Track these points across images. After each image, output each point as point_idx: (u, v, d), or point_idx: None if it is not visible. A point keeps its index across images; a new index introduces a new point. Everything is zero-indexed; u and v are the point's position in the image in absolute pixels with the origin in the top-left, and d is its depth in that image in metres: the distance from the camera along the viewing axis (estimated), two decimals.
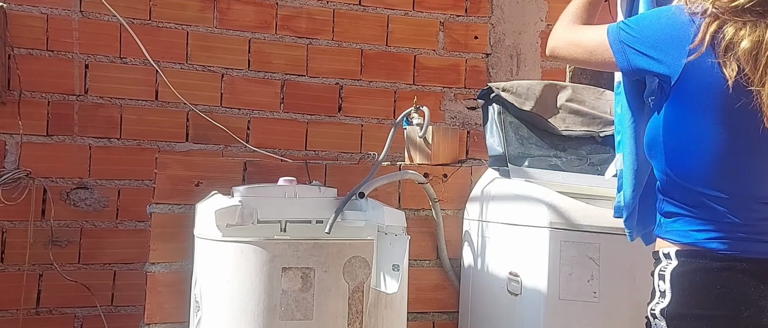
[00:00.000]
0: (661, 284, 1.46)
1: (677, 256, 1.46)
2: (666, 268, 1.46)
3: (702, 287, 1.42)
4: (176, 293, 2.32)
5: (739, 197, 1.45)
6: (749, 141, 1.44)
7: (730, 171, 1.45)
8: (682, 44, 1.44)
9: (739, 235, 1.43)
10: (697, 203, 1.46)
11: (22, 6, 2.90)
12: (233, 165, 2.47)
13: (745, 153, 1.45)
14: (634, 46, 1.51)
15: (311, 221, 2.13)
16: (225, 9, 3.18)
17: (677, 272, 1.44)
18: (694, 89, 1.44)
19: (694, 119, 1.46)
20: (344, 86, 3.35)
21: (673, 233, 1.49)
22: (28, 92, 2.91)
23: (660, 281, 1.47)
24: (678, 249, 1.46)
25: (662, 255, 1.49)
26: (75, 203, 2.96)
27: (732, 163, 1.45)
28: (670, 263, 1.46)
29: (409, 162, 2.70)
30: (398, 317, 2.13)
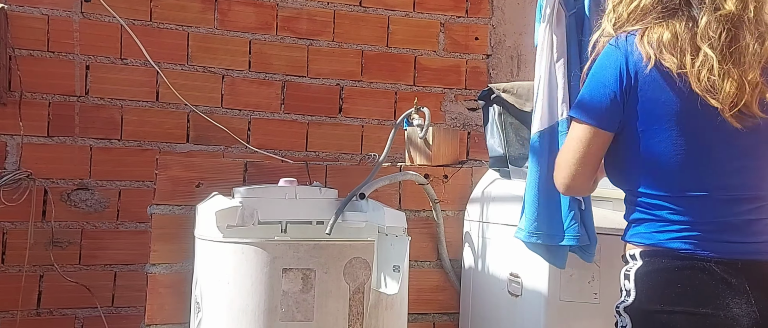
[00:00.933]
0: (626, 283, 1.53)
1: (641, 256, 1.52)
2: (631, 268, 1.53)
3: (664, 285, 1.47)
4: (177, 294, 2.33)
5: (695, 195, 1.49)
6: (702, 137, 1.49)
7: (682, 169, 1.50)
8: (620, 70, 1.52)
9: (699, 234, 1.48)
10: (657, 206, 1.52)
11: (22, 7, 2.90)
12: (234, 166, 2.47)
13: (696, 150, 1.49)
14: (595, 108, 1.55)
15: (312, 222, 2.13)
16: (225, 10, 3.18)
17: (641, 271, 1.51)
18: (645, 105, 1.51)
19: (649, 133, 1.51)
20: (345, 87, 3.35)
21: (638, 236, 1.55)
22: (29, 93, 2.91)
23: (625, 280, 1.53)
24: (642, 250, 1.53)
25: (628, 257, 1.56)
26: (76, 204, 2.96)
27: (683, 161, 1.49)
28: (635, 264, 1.53)
29: (409, 163, 2.70)
30: (399, 318, 2.13)
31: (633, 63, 1.51)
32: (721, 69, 1.44)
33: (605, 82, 1.53)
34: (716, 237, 1.47)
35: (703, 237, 1.47)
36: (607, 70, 1.54)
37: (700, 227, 1.48)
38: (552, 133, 1.97)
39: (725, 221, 1.49)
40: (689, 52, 1.46)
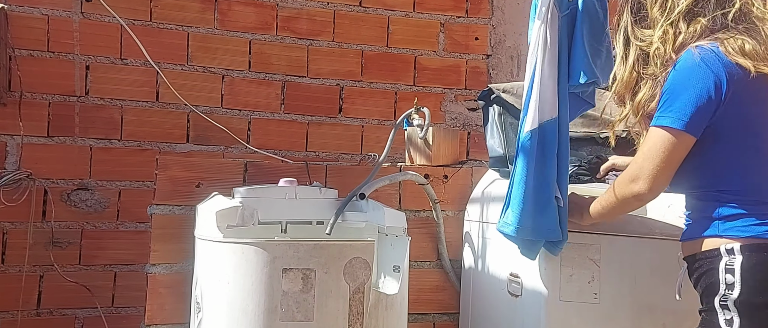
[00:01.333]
0: (729, 277, 1.58)
1: (742, 251, 1.58)
2: (734, 262, 1.58)
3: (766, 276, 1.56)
4: (177, 295, 2.32)
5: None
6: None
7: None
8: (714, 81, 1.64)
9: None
10: (755, 201, 1.62)
11: (23, 7, 2.90)
12: (234, 166, 2.47)
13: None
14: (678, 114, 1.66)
15: (312, 222, 2.13)
16: (225, 10, 3.18)
17: (745, 265, 1.57)
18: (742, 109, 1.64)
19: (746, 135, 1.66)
20: (345, 87, 3.35)
21: (734, 230, 1.62)
22: (29, 93, 2.91)
23: (728, 274, 1.58)
24: (742, 244, 1.59)
25: (724, 251, 1.60)
26: (76, 204, 2.96)
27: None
28: (735, 258, 1.58)
29: (409, 163, 2.70)
30: (399, 319, 2.13)
31: (730, 72, 1.62)
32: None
33: (697, 92, 1.63)
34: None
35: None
36: (699, 82, 1.63)
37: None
38: (542, 132, 1.98)
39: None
40: None
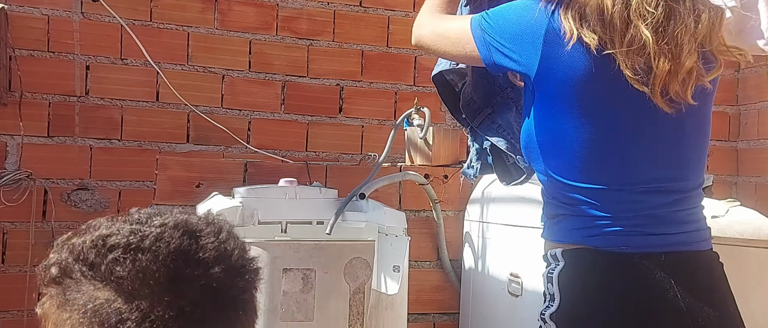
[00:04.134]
0: (550, 286, 1.40)
1: (563, 257, 1.40)
2: (554, 270, 1.41)
3: (590, 288, 1.37)
4: None
5: (617, 187, 1.38)
6: (625, 125, 1.38)
7: (603, 160, 1.39)
8: (535, 37, 1.38)
9: (619, 229, 1.37)
10: (577, 201, 1.40)
11: (23, 7, 2.90)
12: (234, 166, 2.47)
13: (619, 138, 1.39)
14: (495, 41, 1.44)
15: (312, 222, 2.14)
16: (226, 10, 3.18)
17: (564, 274, 1.39)
18: (556, 82, 1.38)
19: (560, 113, 1.39)
20: (345, 87, 3.35)
21: (558, 234, 1.44)
22: (29, 93, 2.91)
23: (548, 283, 1.41)
24: (563, 249, 1.41)
25: (550, 257, 1.44)
26: (76, 204, 2.96)
27: (604, 151, 1.39)
28: (558, 265, 1.40)
29: (409, 163, 2.71)
30: (399, 319, 2.13)
31: (554, 32, 1.36)
32: (655, 50, 1.29)
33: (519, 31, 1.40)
34: (640, 231, 1.37)
35: (625, 233, 1.37)
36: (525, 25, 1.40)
37: (621, 223, 1.37)
38: None
39: (647, 214, 1.38)
40: (618, 28, 1.31)
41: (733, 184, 3.44)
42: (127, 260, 0.84)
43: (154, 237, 0.86)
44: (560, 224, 1.44)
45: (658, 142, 1.39)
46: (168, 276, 0.82)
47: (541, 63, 1.37)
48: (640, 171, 1.39)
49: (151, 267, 0.82)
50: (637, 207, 1.38)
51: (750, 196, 3.26)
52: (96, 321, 0.81)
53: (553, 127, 1.41)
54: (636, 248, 1.36)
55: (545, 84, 1.40)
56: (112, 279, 0.84)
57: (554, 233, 1.45)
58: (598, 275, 1.37)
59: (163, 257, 0.83)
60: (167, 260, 0.83)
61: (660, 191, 1.39)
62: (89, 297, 0.84)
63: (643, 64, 1.31)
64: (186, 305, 0.81)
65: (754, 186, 3.34)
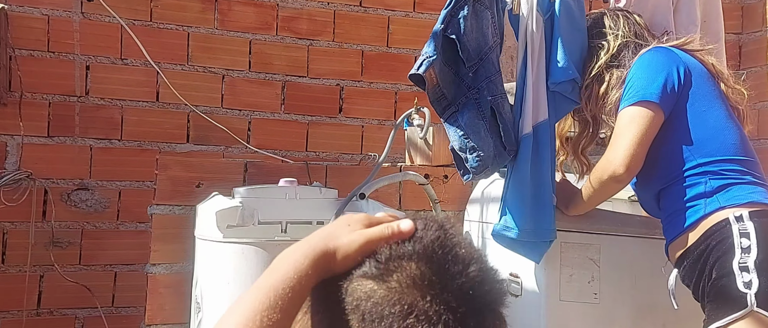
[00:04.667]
0: (745, 240, 1.63)
1: (750, 217, 1.65)
2: (747, 227, 1.64)
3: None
4: (177, 295, 2.33)
5: (751, 158, 1.79)
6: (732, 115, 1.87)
7: (739, 139, 1.81)
8: (676, 59, 1.86)
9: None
10: (738, 171, 1.74)
11: (23, 7, 2.90)
12: (234, 166, 2.47)
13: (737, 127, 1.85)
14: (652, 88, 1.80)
15: (312, 222, 2.13)
16: (226, 10, 3.18)
17: (758, 228, 1.63)
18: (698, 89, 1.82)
19: (707, 108, 1.81)
20: (345, 87, 3.35)
21: (735, 199, 1.69)
22: (29, 93, 2.91)
23: (743, 238, 1.63)
24: (749, 211, 1.66)
25: (733, 219, 1.66)
26: (76, 204, 2.96)
27: (739, 132, 1.83)
28: (746, 223, 1.65)
29: (409, 163, 2.71)
30: None
31: (684, 61, 1.83)
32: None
33: (663, 74, 1.80)
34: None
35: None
36: (662, 65, 1.82)
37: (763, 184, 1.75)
38: (536, 135, 1.98)
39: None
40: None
41: None
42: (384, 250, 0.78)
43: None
44: (731, 191, 1.71)
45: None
46: (431, 267, 0.76)
47: (681, 64, 1.83)
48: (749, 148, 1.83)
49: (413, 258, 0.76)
50: (761, 173, 1.80)
51: None
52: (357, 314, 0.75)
53: (704, 121, 1.80)
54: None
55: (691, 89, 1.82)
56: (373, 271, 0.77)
57: (728, 199, 1.70)
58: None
59: (424, 247, 0.77)
60: (428, 251, 0.77)
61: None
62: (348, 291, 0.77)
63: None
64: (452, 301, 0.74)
65: None
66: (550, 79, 1.99)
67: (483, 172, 1.97)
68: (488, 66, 1.96)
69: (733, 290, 1.59)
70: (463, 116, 1.94)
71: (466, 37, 1.92)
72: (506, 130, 1.96)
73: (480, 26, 1.95)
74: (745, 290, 1.58)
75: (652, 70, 1.83)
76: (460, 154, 1.96)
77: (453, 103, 1.96)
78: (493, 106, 1.94)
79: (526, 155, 1.98)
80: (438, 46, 1.94)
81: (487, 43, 1.96)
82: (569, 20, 2.01)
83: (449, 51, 1.95)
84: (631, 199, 2.42)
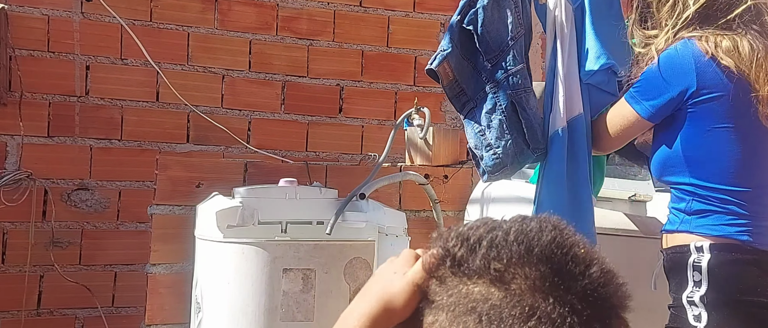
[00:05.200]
0: (696, 274, 1.60)
1: (711, 249, 1.60)
2: (701, 259, 1.60)
3: (736, 276, 1.59)
4: (177, 295, 2.33)
5: (758, 191, 1.65)
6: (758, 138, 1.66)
7: (750, 168, 1.66)
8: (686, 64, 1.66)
9: (758, 227, 1.62)
10: (726, 201, 1.63)
11: (23, 7, 2.90)
12: (234, 166, 2.47)
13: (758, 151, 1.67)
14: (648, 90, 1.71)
15: (312, 222, 2.13)
16: (226, 10, 3.18)
17: (713, 262, 1.58)
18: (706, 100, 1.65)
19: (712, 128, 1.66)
20: (345, 87, 3.35)
21: (704, 228, 1.63)
22: (29, 93, 2.91)
23: (695, 271, 1.60)
24: (711, 243, 1.60)
25: (693, 248, 1.62)
26: (76, 204, 2.96)
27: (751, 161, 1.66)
28: (703, 256, 1.60)
29: (409, 163, 2.71)
30: None
31: (701, 64, 1.64)
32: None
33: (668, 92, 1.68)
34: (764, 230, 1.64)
35: (761, 230, 1.62)
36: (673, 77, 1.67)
37: (759, 221, 1.63)
38: (570, 130, 1.88)
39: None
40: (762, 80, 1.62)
41: None
42: (502, 251, 0.73)
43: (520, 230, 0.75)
44: (707, 218, 1.64)
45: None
46: (552, 269, 0.71)
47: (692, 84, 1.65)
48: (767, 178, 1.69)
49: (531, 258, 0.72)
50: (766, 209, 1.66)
51: None
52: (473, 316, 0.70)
53: (706, 142, 1.67)
54: (764, 246, 1.63)
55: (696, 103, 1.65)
56: (490, 272, 0.72)
57: (699, 226, 1.64)
58: (743, 266, 1.60)
59: (542, 248, 0.73)
60: (547, 251, 0.72)
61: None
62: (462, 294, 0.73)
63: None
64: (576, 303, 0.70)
65: None
66: (583, 71, 1.89)
67: (500, 171, 1.89)
68: (509, 58, 1.86)
69: (684, 323, 1.62)
70: (480, 112, 1.87)
71: (485, 28, 1.84)
72: (530, 126, 1.86)
73: (502, 16, 1.86)
74: (695, 324, 1.60)
75: (660, 80, 1.69)
76: (476, 153, 1.89)
77: (472, 99, 1.90)
78: (514, 100, 1.85)
79: (559, 154, 1.88)
80: (454, 39, 1.87)
81: (509, 34, 1.86)
82: (601, 7, 1.91)
83: (468, 44, 1.88)
84: (631, 199, 2.42)
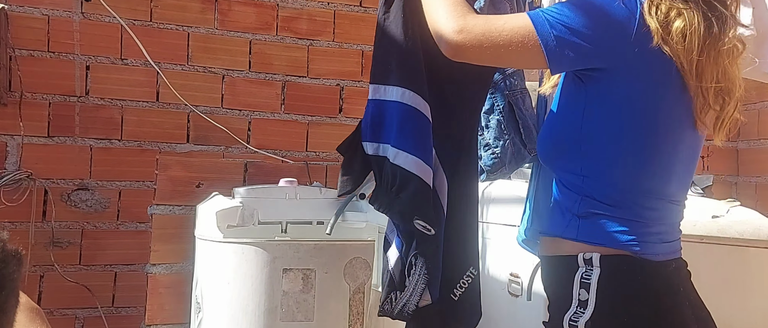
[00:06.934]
0: (584, 293, 1.34)
1: (601, 263, 1.34)
2: (590, 276, 1.34)
3: (630, 297, 1.34)
4: (177, 295, 2.33)
5: (658, 197, 1.39)
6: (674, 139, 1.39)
7: (654, 171, 1.38)
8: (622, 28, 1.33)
9: (655, 237, 1.38)
10: (622, 203, 1.37)
11: (23, 7, 2.90)
12: (234, 166, 2.47)
13: (669, 151, 1.39)
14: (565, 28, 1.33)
15: (312, 222, 2.13)
16: (226, 10, 3.18)
17: (603, 280, 1.33)
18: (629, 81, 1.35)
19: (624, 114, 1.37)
20: (345, 87, 3.35)
21: (594, 236, 1.37)
22: (30, 94, 2.91)
23: (582, 289, 1.34)
24: (602, 255, 1.35)
25: (582, 260, 1.36)
26: (76, 204, 2.96)
27: (657, 162, 1.38)
28: (593, 271, 1.34)
29: None
30: None
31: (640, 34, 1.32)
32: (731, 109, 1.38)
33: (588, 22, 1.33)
34: (666, 239, 1.41)
35: (658, 240, 1.38)
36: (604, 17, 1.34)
37: (658, 229, 1.39)
38: None
39: (670, 223, 1.42)
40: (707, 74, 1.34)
41: (733, 184, 3.44)
42: None
43: None
44: (595, 224, 1.38)
45: (688, 160, 1.45)
46: None
47: (619, 57, 1.34)
48: (674, 185, 1.42)
49: None
50: (668, 218, 1.42)
51: (750, 196, 3.26)
52: None
53: (612, 129, 1.38)
54: (663, 256, 1.39)
55: (615, 81, 1.36)
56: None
57: (588, 233, 1.38)
58: (636, 284, 1.35)
59: None
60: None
61: (679, 203, 1.45)
62: None
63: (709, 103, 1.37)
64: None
65: (754, 186, 3.34)
66: None
67: (498, 171, 1.87)
68: None
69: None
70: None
71: None
72: (526, 126, 1.84)
73: None
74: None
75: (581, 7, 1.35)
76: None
77: None
78: (511, 101, 1.84)
79: None
80: None
81: None
82: None
83: None
84: None
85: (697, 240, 2.07)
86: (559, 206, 1.45)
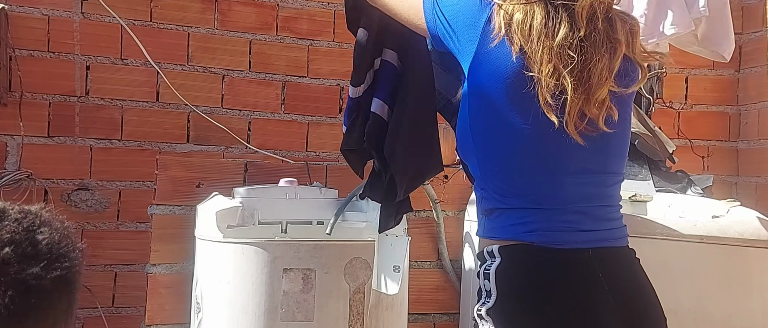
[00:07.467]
0: (486, 283, 1.42)
1: (499, 253, 1.42)
2: (490, 266, 1.42)
3: (526, 284, 1.40)
4: (177, 295, 2.33)
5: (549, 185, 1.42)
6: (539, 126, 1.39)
7: (534, 161, 1.43)
8: (476, 25, 1.42)
9: (552, 225, 1.41)
10: (512, 196, 1.43)
11: (23, 7, 2.90)
12: (234, 166, 2.47)
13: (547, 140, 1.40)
14: (442, 17, 1.48)
15: (312, 222, 2.13)
16: (226, 10, 3.18)
17: (501, 269, 1.41)
18: (486, 77, 1.41)
19: (491, 109, 1.42)
20: (345, 87, 3.35)
21: (494, 231, 1.46)
22: (29, 94, 2.91)
23: (485, 280, 1.42)
24: (500, 246, 1.42)
25: (486, 254, 1.45)
26: (76, 204, 2.96)
27: (535, 152, 1.42)
28: (494, 261, 1.42)
29: None
30: (399, 319, 2.13)
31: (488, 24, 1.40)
32: (574, 95, 1.35)
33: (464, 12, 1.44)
34: (570, 227, 1.42)
35: (558, 228, 1.41)
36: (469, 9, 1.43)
37: (554, 218, 1.42)
38: None
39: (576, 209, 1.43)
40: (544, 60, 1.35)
41: (733, 184, 3.44)
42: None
43: None
44: (497, 220, 1.46)
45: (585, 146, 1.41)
46: None
47: (476, 54, 1.41)
48: (569, 169, 1.43)
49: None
50: (567, 204, 1.43)
51: (750, 196, 3.26)
52: None
53: (485, 123, 1.45)
54: (567, 244, 1.41)
55: (478, 77, 1.43)
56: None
57: (490, 229, 1.47)
58: (533, 270, 1.41)
59: None
60: None
61: (586, 184, 1.45)
62: None
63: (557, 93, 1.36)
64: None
65: (754, 186, 3.34)
66: None
67: None
68: None
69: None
70: None
71: None
72: None
73: None
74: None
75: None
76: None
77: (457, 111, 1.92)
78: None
79: None
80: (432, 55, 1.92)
81: None
82: None
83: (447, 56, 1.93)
84: (631, 199, 2.42)
85: (697, 240, 2.07)
86: (476, 205, 1.54)
